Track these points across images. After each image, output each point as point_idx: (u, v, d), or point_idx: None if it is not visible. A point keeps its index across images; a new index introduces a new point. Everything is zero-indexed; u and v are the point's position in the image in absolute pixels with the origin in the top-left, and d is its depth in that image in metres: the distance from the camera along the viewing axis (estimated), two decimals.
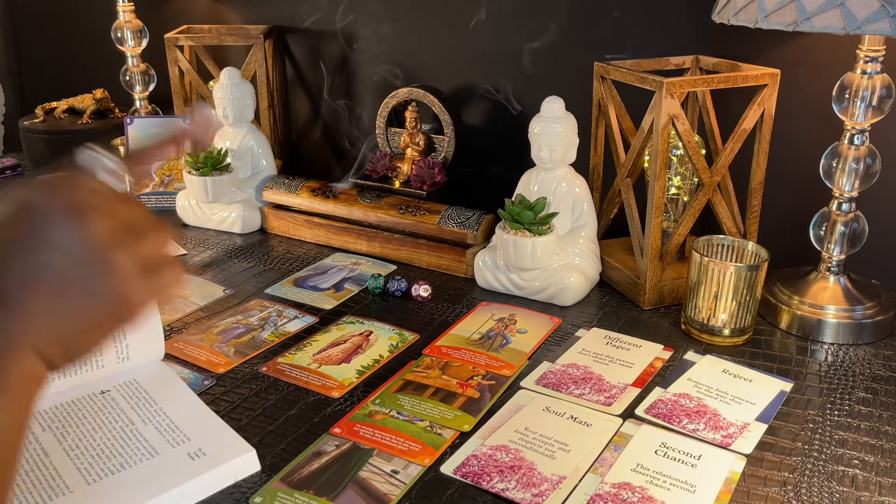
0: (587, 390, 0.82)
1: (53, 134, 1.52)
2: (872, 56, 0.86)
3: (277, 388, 0.83)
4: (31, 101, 1.84)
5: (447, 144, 1.22)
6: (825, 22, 0.74)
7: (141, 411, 0.76)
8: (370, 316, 0.98)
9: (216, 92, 1.27)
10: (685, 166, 1.02)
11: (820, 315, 0.92)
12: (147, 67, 1.51)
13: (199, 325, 0.96)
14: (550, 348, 0.90)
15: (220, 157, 1.22)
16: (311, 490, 0.67)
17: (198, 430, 0.73)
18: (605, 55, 1.12)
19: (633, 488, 0.67)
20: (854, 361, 0.87)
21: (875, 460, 0.71)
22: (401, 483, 0.68)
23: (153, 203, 1.36)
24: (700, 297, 0.90)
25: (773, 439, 0.74)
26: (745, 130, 0.96)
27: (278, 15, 1.45)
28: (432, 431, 0.75)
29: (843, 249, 0.93)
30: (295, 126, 1.52)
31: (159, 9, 1.60)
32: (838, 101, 0.89)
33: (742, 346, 0.91)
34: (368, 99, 1.41)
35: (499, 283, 1.03)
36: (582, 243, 1.03)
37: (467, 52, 1.27)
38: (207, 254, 1.17)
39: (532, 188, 1.05)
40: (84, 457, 0.69)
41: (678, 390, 0.82)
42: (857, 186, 0.90)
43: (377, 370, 0.86)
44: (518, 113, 1.25)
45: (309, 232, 1.22)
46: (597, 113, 1.06)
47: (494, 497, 0.66)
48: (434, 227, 1.11)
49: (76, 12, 1.75)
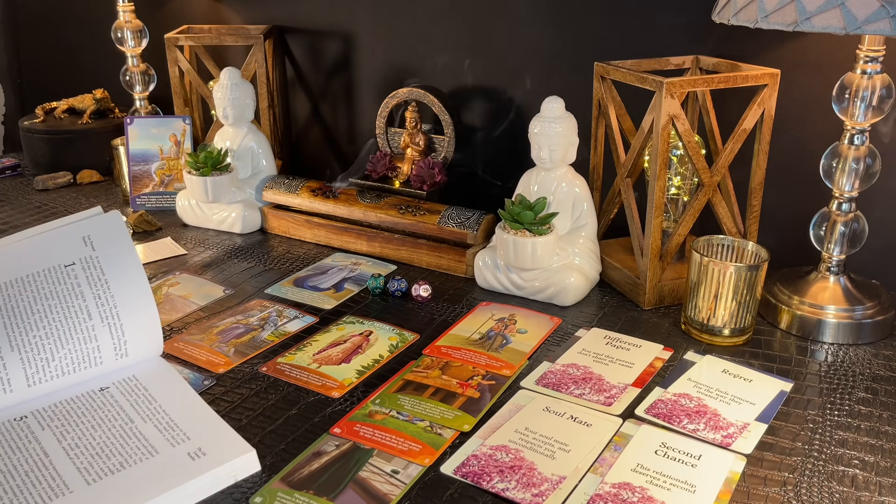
0: (587, 390, 0.82)
1: (53, 134, 1.52)
2: (872, 56, 0.86)
3: (277, 388, 0.83)
4: (31, 101, 1.85)
5: (447, 144, 1.22)
6: (825, 22, 0.74)
7: (140, 409, 0.76)
8: (370, 316, 0.98)
9: (216, 92, 1.27)
10: (685, 166, 1.02)
11: (820, 315, 0.92)
12: (147, 67, 1.51)
13: (199, 325, 0.96)
14: (550, 348, 0.90)
15: (220, 157, 1.22)
16: (311, 490, 0.67)
17: (197, 428, 0.73)
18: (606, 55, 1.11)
19: (633, 488, 0.67)
20: (854, 361, 0.87)
21: (875, 460, 0.71)
22: (401, 483, 0.68)
23: (153, 203, 1.36)
24: (700, 297, 0.90)
25: (773, 439, 0.74)
26: (745, 130, 0.96)
27: (278, 15, 1.45)
28: (432, 431, 0.75)
29: (843, 249, 0.93)
30: (295, 126, 1.52)
31: (159, 9, 1.60)
32: (838, 101, 0.89)
33: (742, 346, 0.91)
34: (368, 99, 1.41)
35: (499, 283, 1.03)
36: (582, 243, 1.03)
37: (467, 52, 1.27)
38: (207, 254, 1.17)
39: (532, 188, 1.05)
40: (84, 456, 0.69)
41: (678, 390, 0.82)
42: (857, 186, 0.90)
43: (377, 370, 0.86)
44: (518, 113, 1.25)
45: (309, 232, 1.22)
46: (597, 113, 1.06)
47: (494, 497, 0.66)
48: (434, 227, 1.11)
49: (76, 12, 1.75)
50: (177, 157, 1.36)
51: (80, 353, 0.80)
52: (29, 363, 0.77)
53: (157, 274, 1.10)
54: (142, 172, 1.35)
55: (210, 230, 1.27)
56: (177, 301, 1.01)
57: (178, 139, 1.36)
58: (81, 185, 1.50)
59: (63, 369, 0.79)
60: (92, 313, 0.81)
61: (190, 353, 0.89)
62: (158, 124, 1.36)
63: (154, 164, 1.36)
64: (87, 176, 1.51)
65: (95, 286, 0.82)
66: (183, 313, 0.98)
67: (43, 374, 0.78)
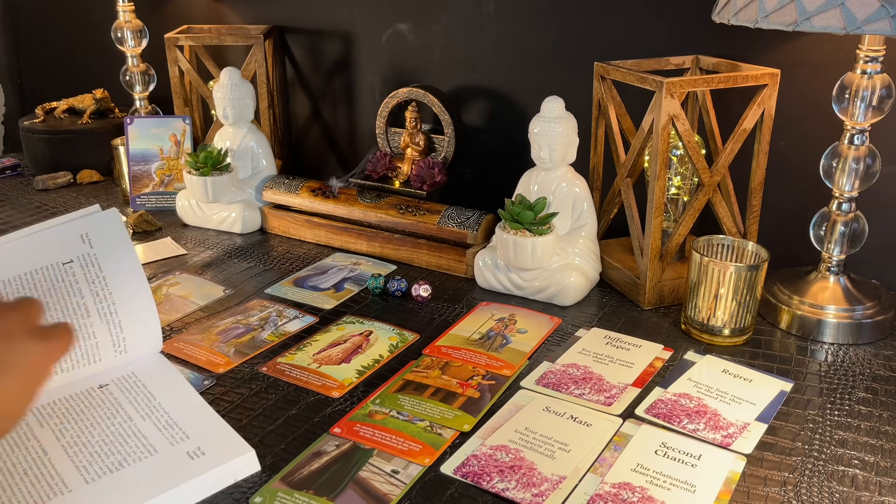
0: (587, 390, 0.82)
1: (53, 134, 1.52)
2: (872, 56, 0.86)
3: (277, 388, 0.83)
4: (31, 101, 1.85)
5: (447, 144, 1.22)
6: (825, 22, 0.74)
7: (140, 406, 0.76)
8: (370, 316, 0.98)
9: (216, 92, 1.27)
10: (685, 166, 1.02)
11: (820, 315, 0.92)
12: (147, 67, 1.51)
13: (199, 325, 0.96)
14: (550, 348, 0.90)
15: (220, 157, 1.22)
16: (311, 490, 0.67)
17: (197, 428, 0.72)
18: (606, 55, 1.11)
19: (633, 488, 0.67)
20: (854, 361, 0.87)
21: (875, 460, 0.71)
22: (401, 483, 0.68)
23: (153, 203, 1.36)
24: (700, 297, 0.90)
25: (773, 439, 0.74)
26: (745, 130, 0.96)
27: (278, 15, 1.45)
28: (432, 431, 0.75)
29: (843, 249, 0.93)
30: (295, 126, 1.52)
31: (159, 9, 1.60)
32: (838, 101, 0.89)
33: (742, 346, 0.91)
34: (368, 99, 1.41)
35: (499, 283, 1.03)
36: (582, 243, 1.03)
37: (467, 52, 1.27)
38: (207, 254, 1.17)
39: (532, 188, 1.05)
40: (83, 454, 0.69)
41: (678, 390, 0.82)
42: (857, 186, 0.90)
43: (377, 370, 0.86)
44: (518, 113, 1.25)
45: (309, 232, 1.22)
46: (597, 113, 1.06)
47: (494, 497, 0.66)
48: (434, 227, 1.11)
49: (76, 12, 1.75)
50: (177, 157, 1.36)
51: (78, 351, 0.79)
52: None
53: (157, 274, 1.09)
54: (142, 172, 1.35)
55: (210, 230, 1.26)
56: (177, 301, 1.01)
57: (178, 139, 1.36)
58: (81, 185, 1.50)
59: (61, 366, 0.79)
60: (90, 310, 0.81)
61: (190, 353, 0.89)
62: (158, 124, 1.36)
63: (154, 164, 1.36)
64: (87, 176, 1.51)
65: (94, 283, 0.82)
66: (183, 313, 0.98)
67: None
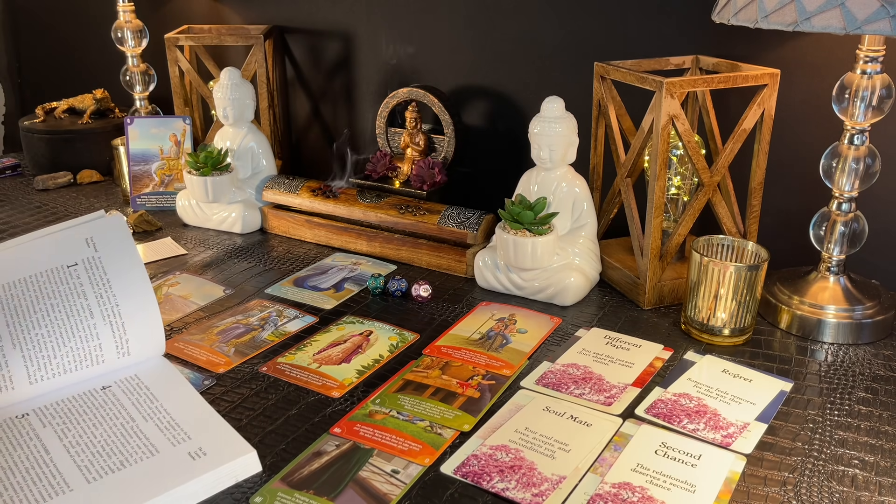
0: (587, 390, 0.82)
1: (53, 134, 1.52)
2: (872, 56, 0.86)
3: (277, 388, 0.83)
4: (31, 101, 1.85)
5: (447, 144, 1.22)
6: (825, 22, 0.74)
7: (142, 408, 0.76)
8: (370, 316, 0.98)
9: (216, 92, 1.27)
10: (685, 166, 1.03)
11: (820, 315, 0.92)
12: (147, 67, 1.51)
13: (200, 325, 0.96)
14: (550, 348, 0.90)
15: (220, 157, 1.22)
16: (311, 490, 0.67)
17: (198, 428, 0.73)
18: (606, 55, 1.12)
19: (633, 488, 0.67)
20: (854, 361, 0.87)
21: (875, 460, 0.71)
22: (401, 483, 0.68)
23: (153, 203, 1.36)
24: (700, 297, 0.90)
25: (773, 439, 0.74)
26: (745, 130, 0.96)
27: (278, 15, 1.45)
28: (432, 431, 0.75)
29: (843, 249, 0.93)
30: (295, 126, 1.52)
31: (159, 9, 1.60)
32: (838, 101, 0.89)
33: (742, 346, 0.91)
34: (368, 99, 1.41)
35: (499, 283, 1.03)
36: (582, 243, 1.03)
37: (467, 52, 1.28)
38: (207, 254, 1.17)
39: (532, 188, 1.05)
40: (84, 454, 0.69)
41: (678, 390, 0.82)
42: (857, 186, 0.90)
43: (377, 370, 0.86)
44: (518, 113, 1.25)
45: (309, 232, 1.22)
46: (597, 113, 1.06)
47: (494, 497, 0.66)
48: (434, 227, 1.11)
49: (76, 12, 1.75)
50: (177, 157, 1.36)
51: (81, 352, 0.80)
52: (31, 361, 0.77)
53: (158, 274, 1.10)
54: (142, 172, 1.35)
55: (210, 230, 1.27)
56: (177, 301, 1.01)
57: (178, 139, 1.36)
58: (81, 185, 1.50)
59: (65, 367, 0.79)
60: (94, 312, 0.81)
61: (190, 352, 0.89)
62: (158, 124, 1.36)
63: (154, 164, 1.36)
64: (87, 176, 1.51)
65: (97, 286, 0.82)
66: (183, 313, 0.98)
67: (45, 371, 0.78)
